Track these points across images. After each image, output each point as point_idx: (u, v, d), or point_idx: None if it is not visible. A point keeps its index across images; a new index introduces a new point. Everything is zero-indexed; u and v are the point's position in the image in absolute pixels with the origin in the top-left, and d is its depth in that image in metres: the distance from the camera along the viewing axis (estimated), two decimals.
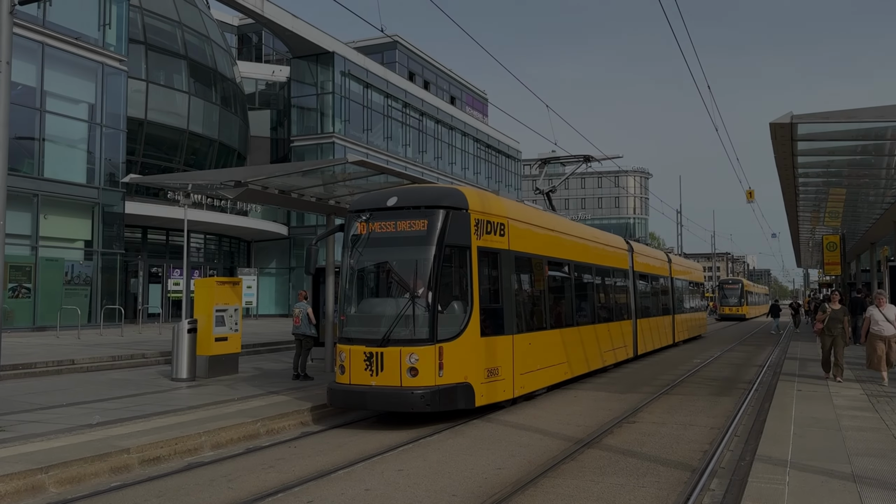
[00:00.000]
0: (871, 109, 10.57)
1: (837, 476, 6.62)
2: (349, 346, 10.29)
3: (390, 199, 10.66)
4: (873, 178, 16.86)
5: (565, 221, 15.56)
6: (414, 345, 9.90)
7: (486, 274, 10.87)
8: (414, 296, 10.04)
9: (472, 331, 10.36)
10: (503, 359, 11.06)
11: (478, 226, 10.66)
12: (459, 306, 10.41)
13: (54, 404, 10.75)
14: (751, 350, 25.36)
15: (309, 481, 7.27)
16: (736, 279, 61.51)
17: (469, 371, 10.25)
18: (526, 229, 12.50)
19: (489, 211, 11.09)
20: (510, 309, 11.40)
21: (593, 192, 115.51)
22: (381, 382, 9.92)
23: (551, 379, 13.20)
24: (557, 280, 14.22)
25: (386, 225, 10.46)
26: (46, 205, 25.60)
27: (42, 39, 25.38)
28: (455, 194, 10.75)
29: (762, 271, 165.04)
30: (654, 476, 7.47)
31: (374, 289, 11.11)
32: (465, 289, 10.46)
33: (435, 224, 10.23)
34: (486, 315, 10.66)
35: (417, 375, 9.80)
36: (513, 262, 11.62)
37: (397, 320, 10.03)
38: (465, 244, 10.42)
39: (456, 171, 52.58)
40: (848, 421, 9.45)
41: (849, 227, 27.31)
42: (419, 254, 10.19)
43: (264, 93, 43.84)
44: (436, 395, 9.77)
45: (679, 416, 11.14)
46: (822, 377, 14.11)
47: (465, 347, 10.21)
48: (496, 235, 11.14)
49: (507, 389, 11.19)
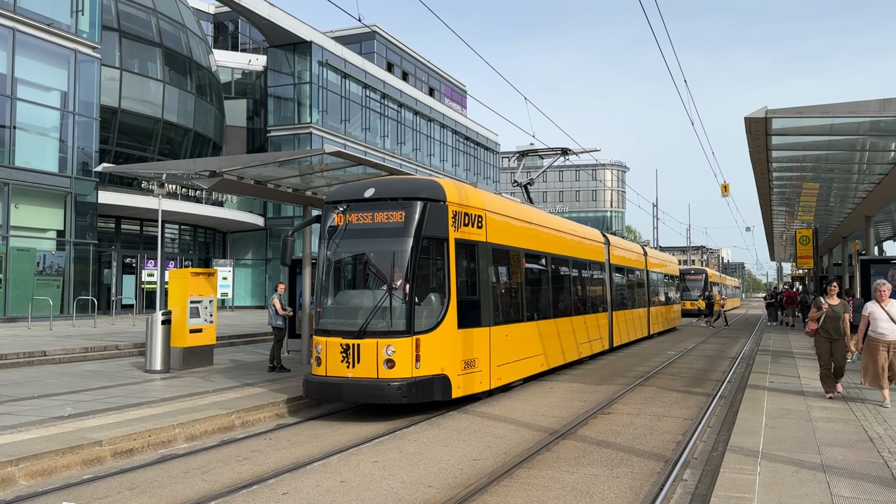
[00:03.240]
0: (845, 105, 10.71)
1: (807, 466, 6.73)
2: (325, 337, 10.21)
3: (368, 191, 10.58)
4: (846, 172, 17.11)
5: (543, 214, 15.51)
6: (391, 337, 9.84)
7: (464, 266, 10.83)
8: (391, 288, 10.00)
9: (449, 323, 10.33)
10: (480, 351, 11.04)
11: (455, 218, 10.61)
12: (436, 298, 10.38)
13: (25, 396, 10.60)
14: (724, 343, 25.65)
15: (284, 473, 7.24)
16: (699, 269, 53.87)
17: (446, 363, 10.23)
18: (504, 222, 12.47)
19: (467, 203, 11.04)
20: (487, 301, 11.36)
21: (571, 185, 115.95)
22: (358, 374, 9.85)
23: (528, 370, 13.22)
24: (535, 272, 14.18)
25: (363, 216, 10.39)
26: (17, 194, 25.16)
27: (13, 25, 24.89)
28: (433, 186, 10.68)
29: (737, 264, 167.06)
30: (628, 466, 7.53)
31: (351, 280, 11.03)
32: (443, 281, 10.44)
33: (412, 216, 10.18)
34: (463, 307, 10.61)
35: (394, 367, 9.75)
36: (490, 254, 11.57)
37: (374, 312, 9.96)
38: (442, 236, 10.38)
39: (434, 162, 52.50)
40: (818, 412, 9.60)
41: (821, 222, 27.72)
42: (396, 245, 10.15)
43: (240, 82, 43.39)
44: (412, 387, 9.73)
45: (653, 407, 11.24)
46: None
47: (442, 339, 10.18)
48: (474, 228, 11.09)
49: (484, 381, 11.21)
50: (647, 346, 23.10)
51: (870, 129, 12.55)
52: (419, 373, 9.86)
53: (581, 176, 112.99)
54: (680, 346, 23.35)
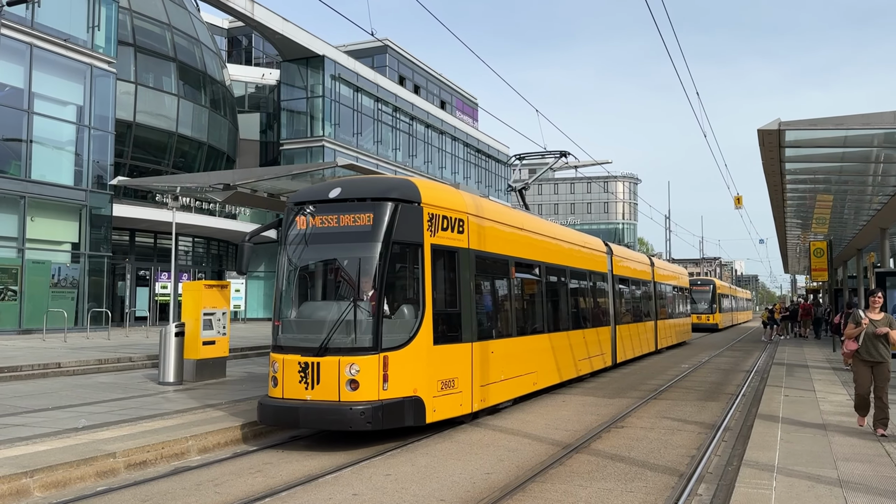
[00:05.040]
0: (858, 116, 10.67)
1: (824, 481, 6.66)
2: (282, 355, 9.26)
3: (333, 191, 9.66)
4: (860, 184, 17.01)
5: (536, 220, 14.44)
6: (355, 354, 8.91)
7: (442, 275, 9.90)
8: (356, 299, 9.08)
9: (424, 338, 9.38)
10: (460, 369, 10.07)
11: (432, 221, 9.70)
12: (409, 311, 9.44)
13: (40, 408, 10.66)
14: (738, 356, 25.48)
15: (296, 486, 7.23)
16: (706, 280, 50.22)
17: (419, 383, 9.26)
18: (490, 227, 11.52)
19: (446, 205, 10.11)
20: (469, 314, 10.39)
21: (583, 197, 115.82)
22: (318, 397, 8.89)
23: (518, 390, 12.24)
24: (526, 283, 13.23)
25: (327, 219, 9.47)
26: (33, 207, 25.41)
27: (30, 41, 25.22)
28: (405, 186, 9.77)
29: (750, 277, 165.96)
30: (642, 481, 7.48)
31: (313, 291, 10.01)
32: (416, 292, 9.52)
33: (381, 218, 9.26)
34: (440, 320, 9.70)
35: (358, 389, 8.79)
36: (473, 262, 10.63)
37: (336, 326, 9.03)
38: (416, 241, 9.47)
39: (446, 175, 52.61)
40: (835, 427, 9.50)
41: (836, 234, 27.53)
42: (363, 251, 9.22)
43: (254, 96, 43.73)
44: (378, 412, 8.74)
45: (667, 421, 11.16)
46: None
47: (414, 357, 9.24)
48: (454, 232, 10.17)
49: (465, 403, 10.20)
50: (655, 361, 22.25)
51: (884, 141, 12.49)
52: (387, 395, 8.91)
53: (593, 188, 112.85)
54: (689, 361, 22.80)
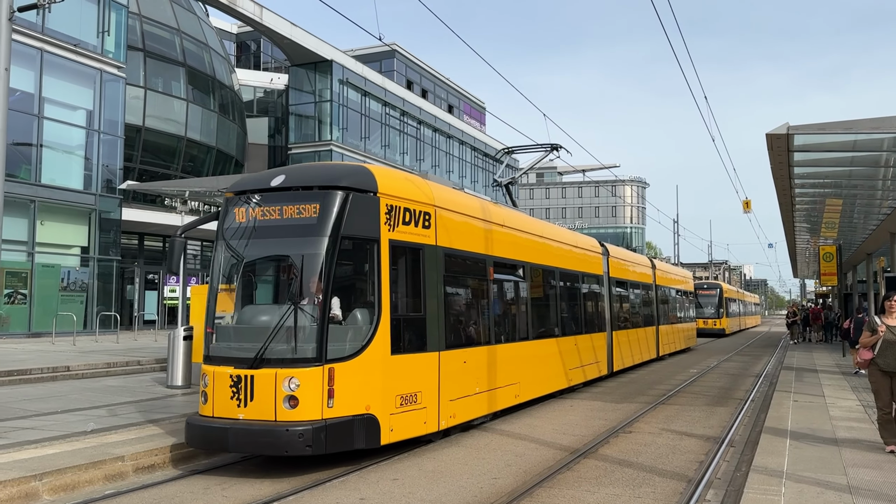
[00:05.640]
0: (868, 121, 10.61)
1: (833, 487, 6.62)
2: (213, 367, 8.20)
3: (276, 178, 8.68)
4: (869, 188, 16.92)
5: (521, 217, 13.48)
6: (295, 366, 7.81)
7: (403, 275, 8.89)
8: (297, 302, 8.00)
9: (379, 346, 8.31)
10: (425, 382, 9.04)
11: (391, 213, 8.66)
12: (362, 316, 8.42)
13: (49, 411, 10.71)
14: (747, 361, 25.36)
15: (304, 490, 7.25)
16: (713, 283, 48.46)
17: (373, 399, 8.18)
18: (463, 222, 10.44)
19: (409, 196, 9.08)
20: (436, 319, 9.34)
21: (590, 200, 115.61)
22: (251, 416, 7.80)
23: (496, 404, 11.19)
24: (507, 285, 12.19)
25: (269, 211, 8.45)
26: (43, 211, 25.55)
27: (41, 46, 25.39)
28: (359, 172, 8.75)
29: (759, 281, 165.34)
30: (650, 486, 7.46)
31: (250, 293, 8.97)
32: (371, 293, 8.46)
33: (329, 209, 8.20)
34: (400, 327, 8.66)
35: (298, 406, 7.69)
36: (441, 260, 9.56)
37: (273, 334, 7.92)
38: (370, 236, 8.43)
39: (453, 179, 52.62)
40: (844, 432, 9.45)
41: (845, 238, 27.39)
42: (307, 247, 8.19)
43: (262, 100, 43.90)
44: (321, 433, 7.62)
45: (675, 426, 11.13)
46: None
47: (367, 368, 8.16)
48: (418, 227, 9.14)
49: (431, 420, 9.13)
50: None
51: (894, 145, 12.41)
52: (333, 413, 7.80)
53: (600, 192, 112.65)
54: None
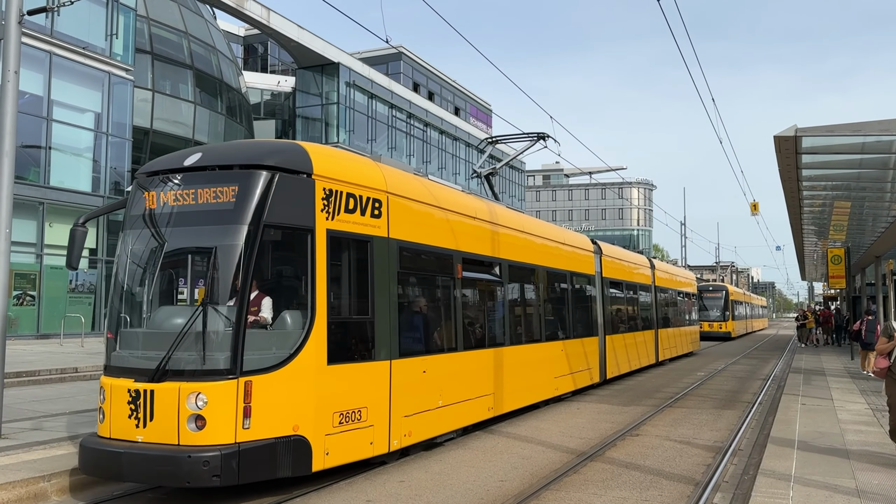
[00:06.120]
0: (876, 123, 10.58)
1: (842, 491, 6.59)
2: (111, 379, 6.98)
3: (192, 157, 7.44)
4: (878, 191, 16.86)
5: (498, 209, 12.18)
6: (202, 378, 6.54)
7: (346, 271, 7.71)
8: (208, 303, 6.72)
9: (312, 355, 7.06)
10: (372, 396, 7.84)
11: (330, 199, 7.45)
12: (293, 319, 7.22)
13: (58, 412, 10.75)
14: (755, 363, 25.26)
15: (311, 492, 7.26)
16: (718, 285, 47.50)
17: (303, 417, 6.93)
18: (424, 212, 9.25)
19: (353, 179, 7.89)
20: (388, 323, 8.14)
21: (597, 203, 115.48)
22: (151, 438, 6.52)
23: (466, 418, 10.00)
24: (480, 284, 10.98)
25: (182, 195, 7.16)
26: (52, 213, 25.67)
27: (50, 49, 25.54)
28: (289, 150, 7.52)
29: (767, 284, 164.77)
30: (657, 489, 7.44)
31: (156, 293, 7.65)
32: (303, 292, 7.26)
33: (249, 193, 6.94)
34: (340, 331, 7.48)
35: (205, 428, 6.42)
36: (395, 255, 8.41)
37: (179, 340, 6.63)
38: (302, 225, 7.20)
39: (460, 181, 52.65)
40: (853, 436, 9.41)
41: (854, 241, 27.27)
42: (222, 237, 6.90)
43: (269, 103, 44.04)
44: (231, 460, 6.35)
45: (682, 429, 11.10)
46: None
47: (296, 381, 6.91)
48: (366, 216, 7.95)
49: (380, 440, 7.93)
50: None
51: None
52: (249, 435, 6.53)
53: (607, 194, 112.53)
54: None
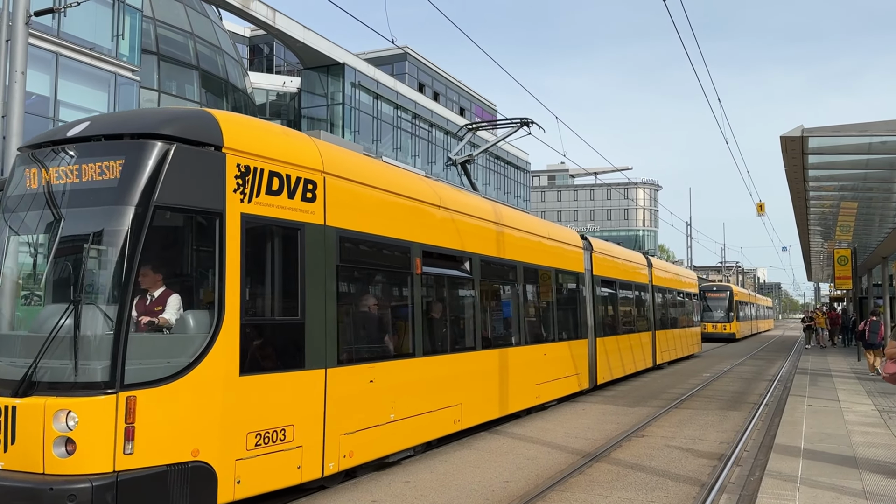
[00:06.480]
0: (883, 123, 10.54)
1: (848, 492, 6.56)
2: None
3: (77, 127, 6.24)
4: (885, 191, 16.80)
5: (469, 197, 10.91)
6: (73, 393, 5.34)
7: (267, 264, 6.53)
8: (82, 301, 5.54)
9: (219, 363, 5.83)
10: (301, 411, 6.60)
11: (246, 177, 6.21)
12: (196, 321, 5.96)
13: None
14: (760, 364, 25.18)
15: (316, 492, 7.25)
16: (722, 285, 46.48)
17: (206, 439, 5.71)
18: (372, 196, 7.99)
19: (279, 156, 6.61)
20: (323, 325, 6.93)
21: (602, 203, 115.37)
22: (12, 465, 5.37)
23: (423, 434, 8.70)
24: (445, 281, 9.73)
25: (65, 171, 5.95)
26: None
27: (56, 50, 25.63)
28: (193, 117, 6.28)
29: (773, 285, 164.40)
30: (663, 490, 7.42)
31: (28, 287, 6.80)
32: (211, 289, 6.05)
33: (138, 167, 5.72)
34: (257, 336, 6.24)
35: (75, 453, 5.22)
36: (334, 245, 7.21)
37: (46, 346, 5.46)
38: (208, 207, 5.95)
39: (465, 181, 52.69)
40: (859, 437, 9.37)
41: (860, 241, 27.19)
42: (102, 221, 5.74)
43: (275, 103, 44.12)
44: (106, 494, 5.14)
45: (688, 430, 11.07)
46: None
47: (196, 395, 5.68)
48: (294, 199, 6.71)
49: (310, 463, 6.64)
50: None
51: None
52: (132, 462, 5.32)
53: (613, 195, 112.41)
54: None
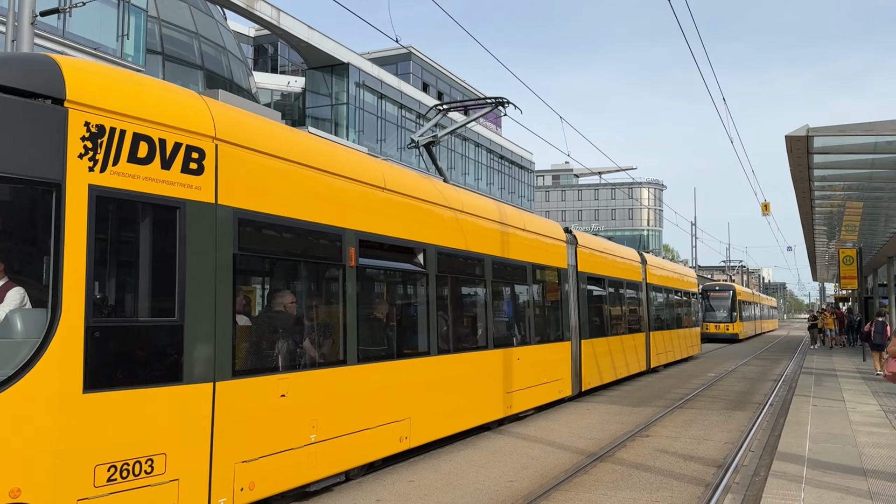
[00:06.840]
0: (888, 122, 10.52)
1: (853, 493, 6.54)
2: None
3: None
4: (890, 191, 16.75)
5: (423, 179, 9.81)
6: None
7: (128, 250, 5.55)
8: None
9: (53, 376, 4.70)
10: (177, 436, 5.40)
11: (98, 140, 5.08)
12: (24, 321, 4.85)
13: None
14: (765, 364, 25.13)
15: (320, 492, 7.27)
16: (725, 285, 45.27)
17: (30, 475, 4.53)
18: (286, 171, 6.71)
19: (149, 115, 5.45)
20: (210, 328, 5.74)
21: (607, 203, 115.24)
22: None
23: (359, 455, 7.46)
24: (389, 276, 8.64)
25: None
26: None
27: (62, 50, 25.65)
28: (25, 62, 5.22)
29: (778, 284, 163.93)
30: (667, 490, 7.41)
31: None
32: (45, 280, 4.93)
33: None
34: (112, 341, 5.13)
35: None
36: (230, 230, 5.99)
37: None
38: (41, 176, 4.83)
39: (469, 181, 52.65)
40: (865, 437, 9.34)
41: (866, 241, 27.11)
42: None
43: (280, 103, 44.17)
44: None
45: (693, 430, 11.05)
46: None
47: (15, 418, 4.52)
48: (171, 170, 5.53)
49: (191, 500, 5.43)
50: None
51: None
52: None
53: (617, 194, 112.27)
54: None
